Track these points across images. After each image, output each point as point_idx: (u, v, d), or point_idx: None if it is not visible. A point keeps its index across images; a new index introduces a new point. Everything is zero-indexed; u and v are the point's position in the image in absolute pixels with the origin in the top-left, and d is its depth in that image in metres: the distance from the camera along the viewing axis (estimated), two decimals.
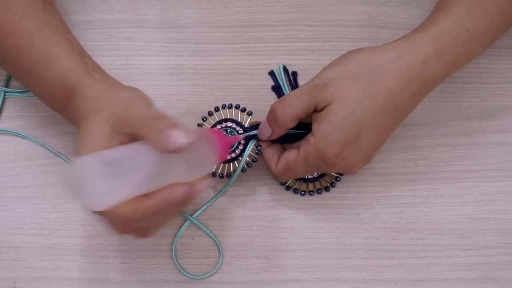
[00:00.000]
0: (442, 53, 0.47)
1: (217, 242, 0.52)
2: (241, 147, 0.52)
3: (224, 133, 0.52)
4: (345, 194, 0.54)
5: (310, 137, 0.48)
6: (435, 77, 0.48)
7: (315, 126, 0.47)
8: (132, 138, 0.42)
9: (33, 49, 0.47)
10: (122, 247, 0.52)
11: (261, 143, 0.52)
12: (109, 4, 0.59)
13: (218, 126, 0.53)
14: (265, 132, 0.50)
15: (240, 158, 0.52)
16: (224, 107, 0.53)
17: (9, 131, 0.55)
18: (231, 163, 0.52)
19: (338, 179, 0.53)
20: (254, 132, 0.52)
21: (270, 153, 0.51)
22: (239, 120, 0.53)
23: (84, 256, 0.52)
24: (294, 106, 0.48)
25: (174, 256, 0.52)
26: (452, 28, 0.48)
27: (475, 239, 0.53)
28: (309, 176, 0.53)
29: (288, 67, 0.57)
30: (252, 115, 0.53)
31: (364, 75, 0.46)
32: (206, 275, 0.51)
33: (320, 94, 0.47)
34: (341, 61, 0.48)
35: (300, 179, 0.54)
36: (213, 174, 0.52)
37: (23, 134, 0.55)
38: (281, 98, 0.49)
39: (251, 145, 0.52)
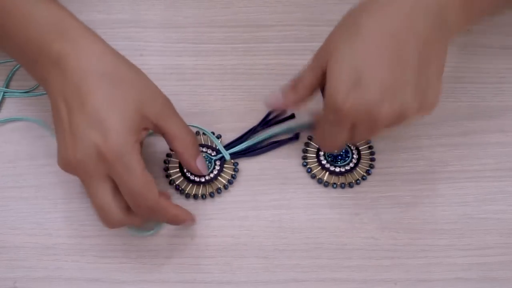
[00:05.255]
0: None
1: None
2: (218, 167, 0.53)
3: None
4: (345, 194, 0.54)
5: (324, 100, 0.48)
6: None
7: (325, 87, 0.47)
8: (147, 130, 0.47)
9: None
10: (122, 247, 0.52)
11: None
12: (109, 4, 0.59)
13: None
14: (277, 99, 0.51)
15: (216, 180, 0.53)
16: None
17: (18, 118, 0.55)
18: (207, 185, 0.53)
19: (369, 171, 0.54)
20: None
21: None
22: (209, 144, 0.54)
23: (84, 256, 0.52)
24: (305, 74, 0.49)
25: None
26: None
27: (475, 239, 0.53)
28: (338, 170, 0.54)
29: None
30: (221, 138, 0.54)
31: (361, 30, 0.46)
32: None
33: (323, 55, 0.47)
34: (342, 27, 0.48)
35: (330, 173, 0.54)
36: (187, 196, 0.53)
37: (27, 117, 0.55)
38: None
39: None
